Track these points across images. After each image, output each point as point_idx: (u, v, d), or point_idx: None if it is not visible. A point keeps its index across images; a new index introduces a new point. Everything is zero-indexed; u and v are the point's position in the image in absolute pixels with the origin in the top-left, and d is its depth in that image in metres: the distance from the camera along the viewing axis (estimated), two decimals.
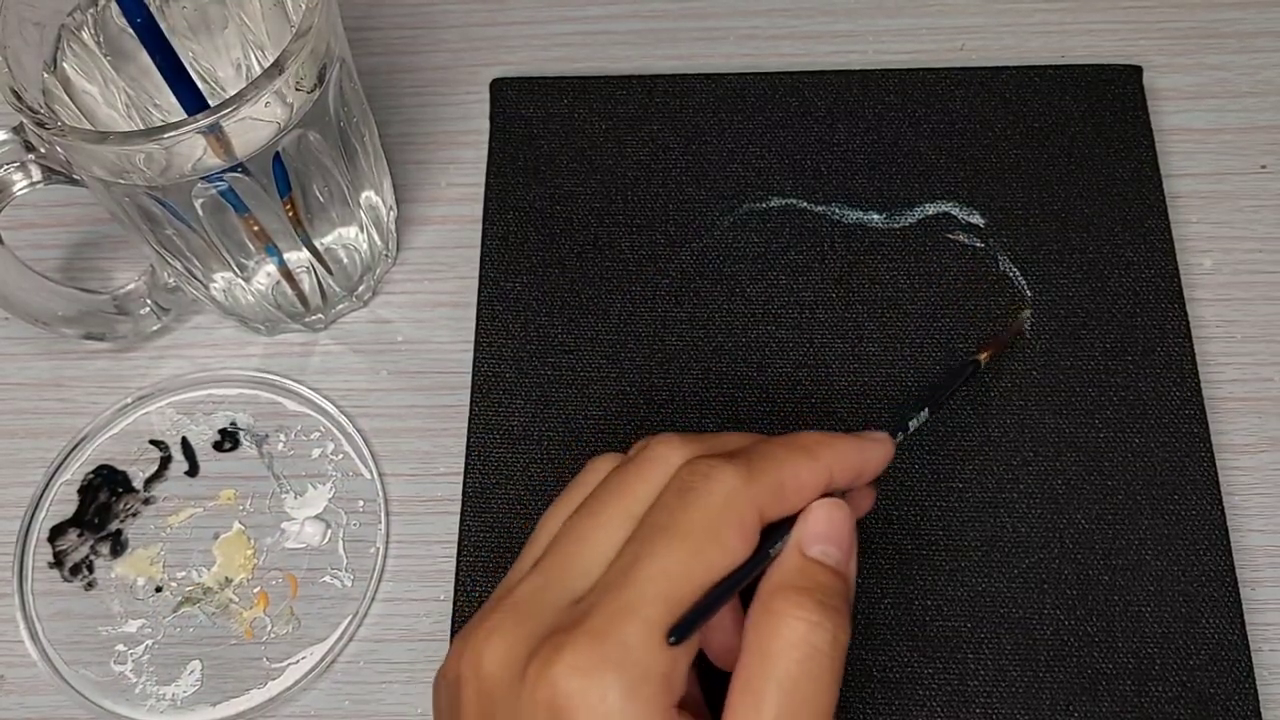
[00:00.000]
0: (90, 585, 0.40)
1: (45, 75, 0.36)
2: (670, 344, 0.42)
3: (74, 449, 0.42)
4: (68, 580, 0.40)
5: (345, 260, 0.42)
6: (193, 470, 0.42)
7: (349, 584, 0.40)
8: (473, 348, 0.42)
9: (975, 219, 0.43)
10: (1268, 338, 0.42)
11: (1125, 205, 0.43)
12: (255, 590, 0.40)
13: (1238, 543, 0.38)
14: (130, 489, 0.41)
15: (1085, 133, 0.44)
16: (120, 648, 0.39)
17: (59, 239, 0.46)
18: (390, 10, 0.50)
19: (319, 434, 0.42)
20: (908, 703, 0.36)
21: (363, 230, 0.42)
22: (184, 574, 0.40)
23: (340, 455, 0.42)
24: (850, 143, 0.44)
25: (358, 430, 0.42)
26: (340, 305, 0.44)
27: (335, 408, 0.42)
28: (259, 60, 0.39)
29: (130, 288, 0.42)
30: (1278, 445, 0.40)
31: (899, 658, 0.37)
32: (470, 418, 0.41)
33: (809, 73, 0.46)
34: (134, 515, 0.41)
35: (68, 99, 0.37)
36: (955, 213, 0.43)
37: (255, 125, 0.34)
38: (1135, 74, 0.45)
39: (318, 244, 0.41)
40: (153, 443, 0.42)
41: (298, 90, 0.34)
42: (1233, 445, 0.40)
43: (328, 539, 0.40)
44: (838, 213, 0.43)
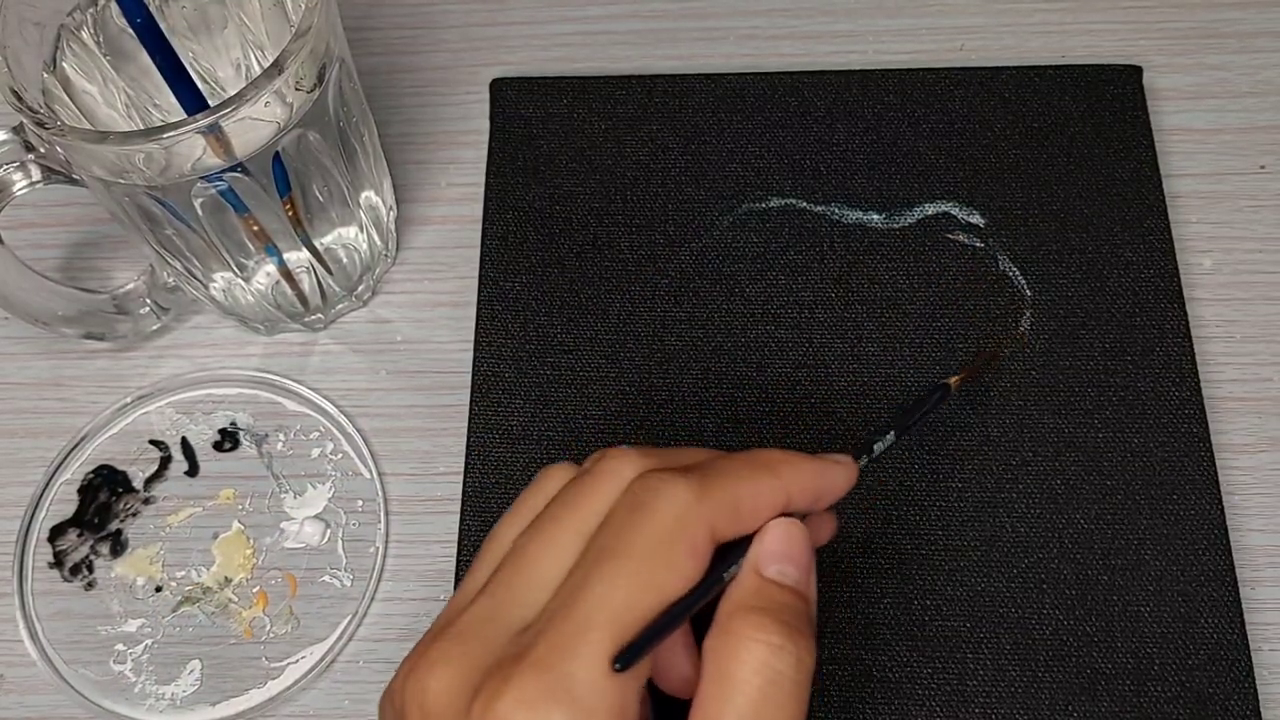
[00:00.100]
0: (90, 585, 0.40)
1: (45, 75, 0.36)
2: (670, 344, 0.42)
3: (74, 449, 0.42)
4: (68, 580, 0.40)
5: (345, 260, 0.42)
6: (192, 470, 0.42)
7: (348, 584, 0.40)
8: (473, 348, 0.42)
9: (975, 219, 0.43)
10: (1268, 338, 0.42)
11: (1125, 205, 0.43)
12: (255, 590, 0.40)
13: (1238, 543, 0.38)
14: (130, 489, 0.41)
15: (1085, 133, 0.44)
16: (120, 647, 0.39)
17: (59, 239, 0.46)
18: (390, 10, 0.50)
19: (318, 434, 0.42)
20: (907, 703, 0.36)
21: (362, 230, 0.42)
22: (183, 574, 0.40)
23: (340, 455, 0.42)
24: (850, 143, 0.44)
25: (357, 430, 0.42)
26: (340, 305, 0.44)
27: (335, 407, 0.42)
28: (259, 60, 0.39)
29: (130, 288, 0.42)
30: (1278, 445, 0.40)
31: (899, 658, 0.37)
32: (470, 418, 0.41)
33: (809, 73, 0.46)
34: (134, 515, 0.41)
35: (68, 99, 0.37)
36: (955, 213, 0.43)
37: (255, 125, 0.34)
38: (1135, 74, 0.45)
39: (317, 244, 0.41)
40: (153, 443, 0.42)
41: (297, 90, 0.34)
42: (1233, 445, 0.40)
43: (327, 539, 0.40)
44: (837, 213, 0.43)
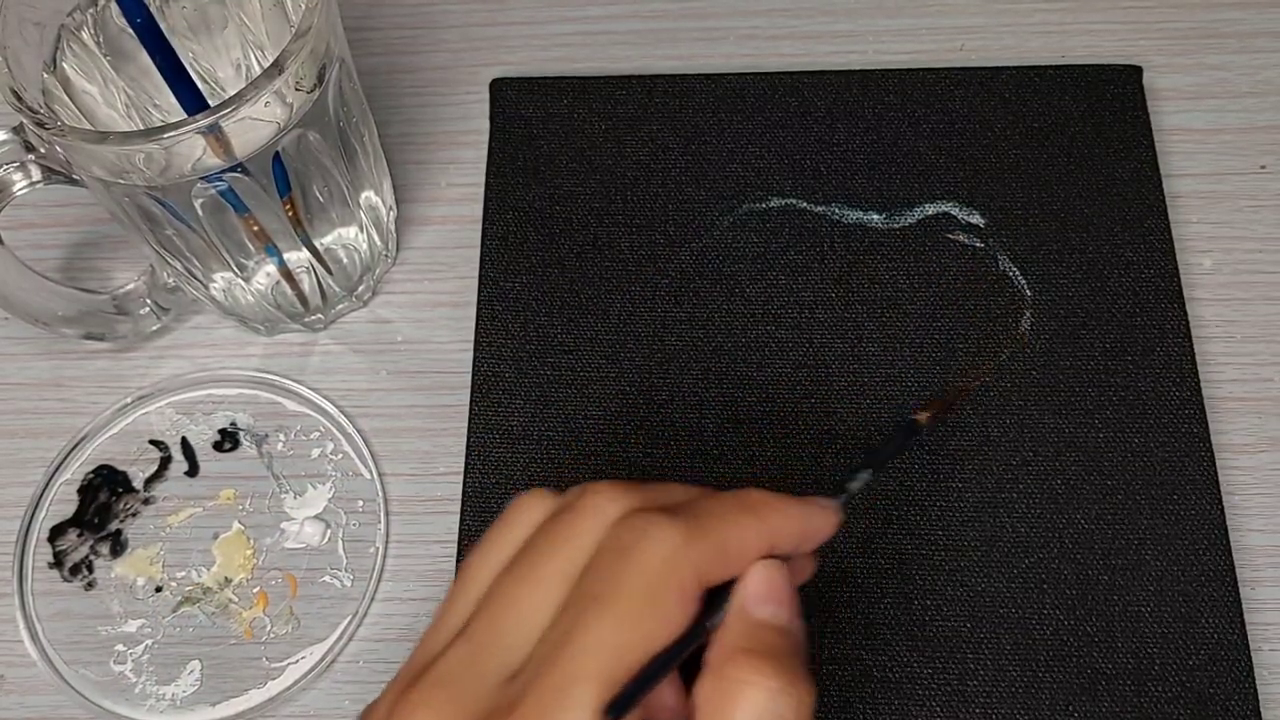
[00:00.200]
0: (90, 585, 0.40)
1: (45, 75, 0.36)
2: (670, 344, 0.42)
3: (74, 449, 0.42)
4: (68, 580, 0.40)
5: (345, 260, 0.42)
6: (192, 470, 0.42)
7: (349, 584, 0.40)
8: (473, 348, 0.42)
9: (975, 219, 0.43)
10: (1268, 338, 0.42)
11: (1125, 205, 0.43)
12: (255, 590, 0.40)
13: (1238, 543, 0.38)
14: (130, 489, 0.41)
15: (1085, 133, 0.44)
16: (120, 648, 0.39)
17: (59, 239, 0.46)
18: (390, 10, 0.50)
19: (319, 434, 0.42)
20: (908, 703, 0.36)
21: (363, 230, 0.42)
22: (184, 574, 0.40)
23: (340, 455, 0.42)
24: (850, 143, 0.44)
25: (357, 430, 0.42)
26: (340, 305, 0.44)
27: (335, 408, 0.42)
28: (259, 60, 0.39)
29: (130, 288, 0.42)
30: (1278, 445, 0.40)
31: (899, 658, 0.37)
32: (470, 418, 0.41)
33: (809, 73, 0.46)
34: (134, 515, 0.41)
35: (68, 99, 0.37)
36: (955, 213, 0.43)
37: (255, 125, 0.34)
38: (1135, 74, 0.45)
39: (318, 244, 0.41)
40: (153, 443, 0.42)
41: (297, 90, 0.34)
42: (1233, 445, 0.40)
43: (327, 539, 0.40)
44: (838, 213, 0.43)
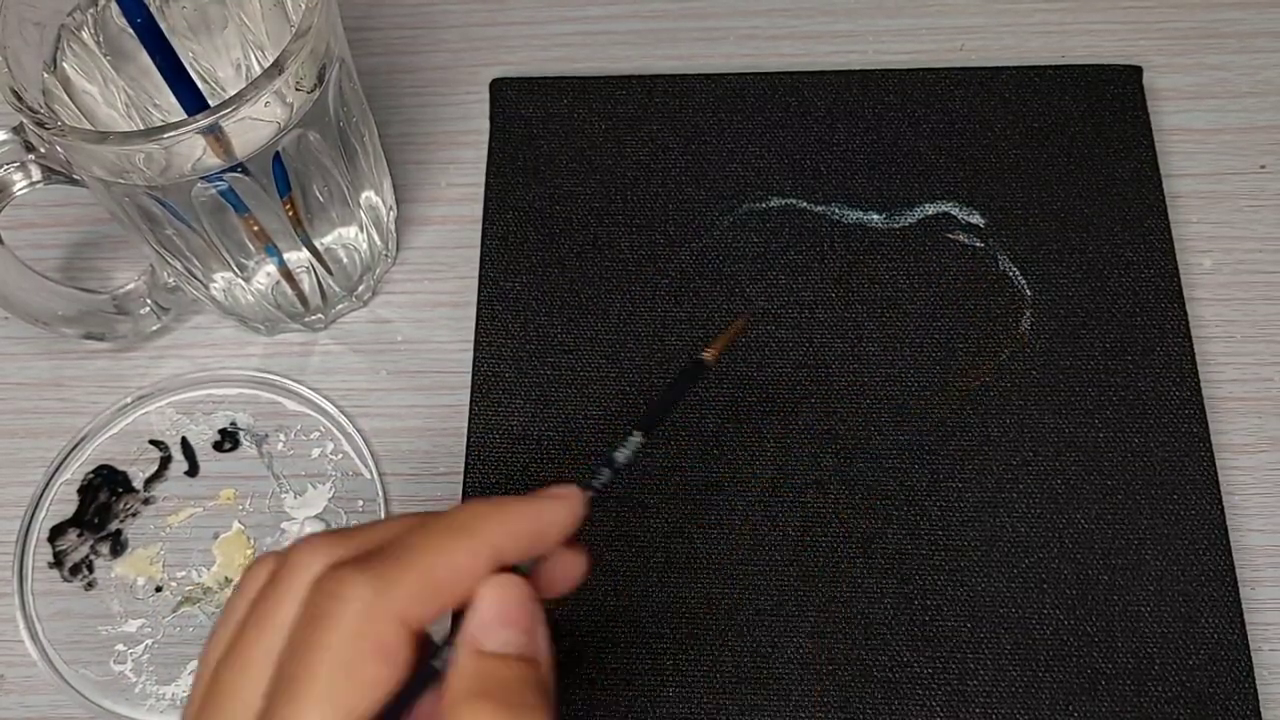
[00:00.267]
0: (90, 585, 0.40)
1: (45, 75, 0.36)
2: (670, 344, 0.42)
3: (74, 449, 0.42)
4: (68, 580, 0.40)
5: (345, 260, 0.42)
6: (193, 470, 0.42)
7: None
8: (473, 348, 0.42)
9: (975, 219, 0.43)
10: (1268, 338, 0.42)
11: (1125, 205, 0.43)
12: None
13: (1238, 543, 0.38)
14: (130, 489, 0.41)
15: (1085, 133, 0.44)
16: (120, 647, 0.39)
17: (59, 239, 0.46)
18: (390, 10, 0.50)
19: (319, 434, 0.42)
20: (908, 703, 0.36)
21: (363, 230, 0.42)
22: (184, 574, 0.40)
23: (340, 455, 0.42)
24: (850, 143, 0.44)
25: (358, 430, 0.42)
26: (340, 305, 0.44)
27: (335, 408, 0.42)
28: (259, 60, 0.39)
29: (130, 288, 0.42)
30: (1278, 445, 0.40)
31: (899, 658, 0.37)
32: (470, 418, 0.41)
33: (809, 73, 0.46)
34: (134, 515, 0.41)
35: (68, 99, 0.37)
36: (955, 213, 0.43)
37: (255, 125, 0.34)
38: (1135, 74, 0.45)
39: (318, 244, 0.41)
40: (153, 443, 0.42)
41: (297, 90, 0.34)
42: (1233, 445, 0.40)
43: None
44: (838, 213, 0.43)
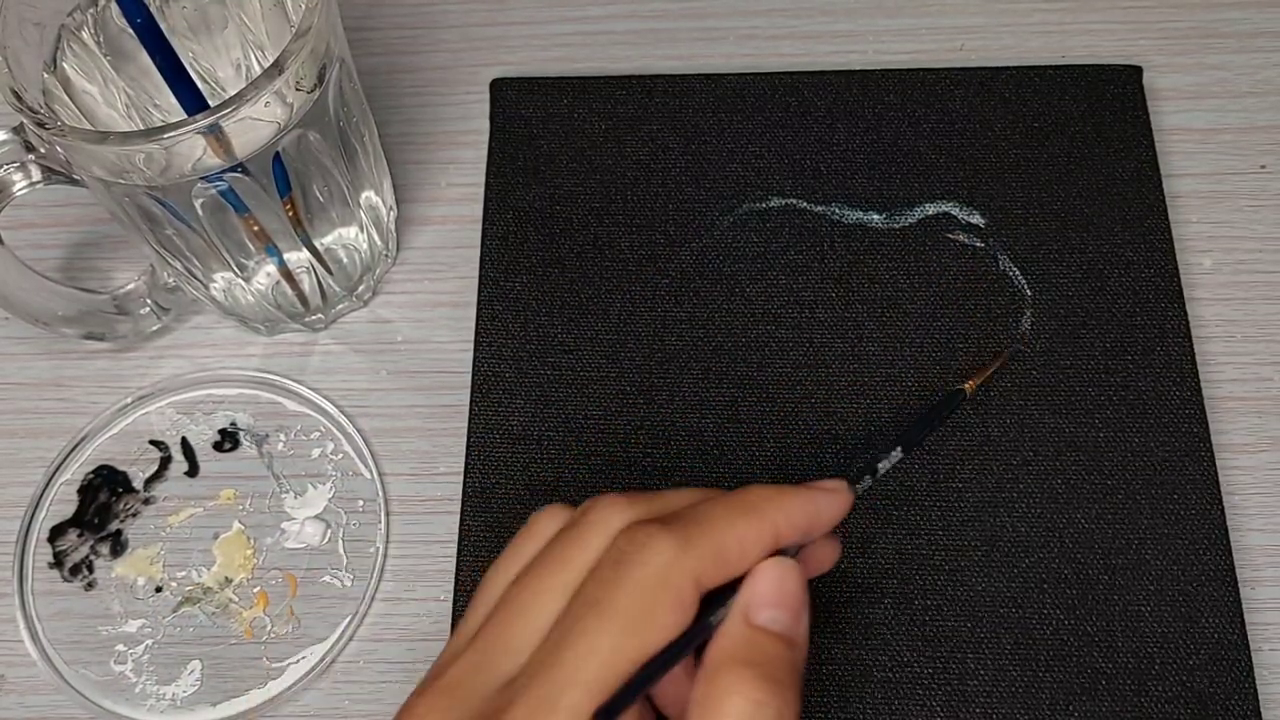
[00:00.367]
0: (90, 585, 0.40)
1: (45, 75, 0.36)
2: (670, 344, 0.42)
3: (74, 449, 0.42)
4: (68, 580, 0.40)
5: (345, 260, 0.42)
6: (193, 470, 0.42)
7: (349, 584, 0.40)
8: (473, 348, 0.42)
9: (975, 219, 0.43)
10: (1268, 338, 0.42)
11: (1125, 205, 0.43)
12: (255, 590, 0.40)
13: (1238, 543, 0.38)
14: (130, 489, 0.41)
15: (1085, 133, 0.44)
16: (120, 648, 0.39)
17: (59, 239, 0.46)
18: (390, 10, 0.50)
19: (319, 434, 0.42)
20: (908, 703, 0.36)
21: (363, 230, 0.42)
22: (184, 574, 0.40)
23: (340, 455, 0.42)
24: (850, 143, 0.44)
25: (358, 430, 0.42)
26: (340, 305, 0.44)
27: (335, 408, 0.42)
28: (259, 60, 0.39)
29: (130, 288, 0.42)
30: (1278, 445, 0.40)
31: (899, 658, 0.37)
32: (470, 418, 0.41)
33: (809, 73, 0.46)
34: (134, 515, 0.41)
35: (68, 99, 0.37)
36: (955, 213, 0.43)
37: (255, 125, 0.34)
38: (1135, 74, 0.45)
39: (318, 244, 0.41)
40: (153, 443, 0.42)
41: (298, 90, 0.34)
42: (1233, 445, 0.40)
43: (327, 539, 0.40)
44: (838, 213, 0.43)
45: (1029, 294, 0.42)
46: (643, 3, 0.50)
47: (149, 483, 0.42)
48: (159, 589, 0.40)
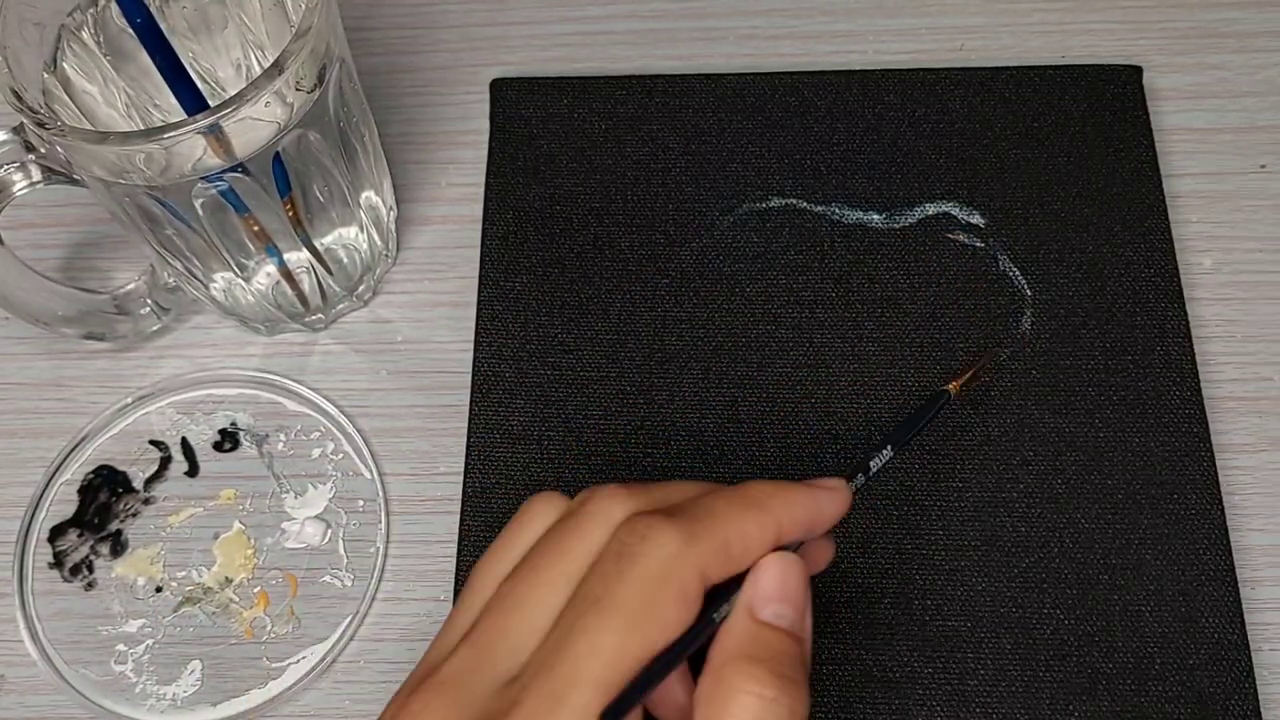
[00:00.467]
0: (90, 585, 0.40)
1: (45, 75, 0.36)
2: (670, 344, 0.42)
3: (74, 449, 0.42)
4: (68, 580, 0.40)
5: (345, 260, 0.42)
6: (193, 470, 0.42)
7: (349, 584, 0.40)
8: (473, 348, 0.42)
9: (975, 219, 0.43)
10: (1268, 338, 0.42)
11: (1125, 205, 0.43)
12: (255, 590, 0.40)
13: (1238, 543, 0.38)
14: (130, 489, 0.41)
15: (1085, 133, 0.44)
16: (120, 648, 0.39)
17: (59, 239, 0.46)
18: (390, 10, 0.50)
19: (319, 434, 0.42)
20: (908, 703, 0.36)
21: (363, 230, 0.42)
22: (184, 574, 0.40)
23: (340, 455, 0.42)
24: (850, 143, 0.44)
25: (358, 430, 0.42)
26: (340, 305, 0.44)
27: (335, 408, 0.42)
28: (259, 60, 0.39)
29: (130, 288, 0.42)
30: (1278, 445, 0.40)
31: (899, 658, 0.37)
32: (470, 418, 0.41)
33: (809, 73, 0.46)
34: (134, 515, 0.41)
35: (68, 99, 0.37)
36: (955, 213, 0.43)
37: (255, 125, 0.34)
38: (1135, 74, 0.45)
39: (318, 244, 0.41)
40: (153, 443, 0.42)
41: (298, 90, 0.34)
42: (1233, 445, 0.40)
43: (328, 539, 0.40)
44: (838, 213, 0.43)
45: (1029, 294, 0.42)
46: (643, 3, 0.50)
47: (149, 483, 0.42)
48: (159, 589, 0.40)
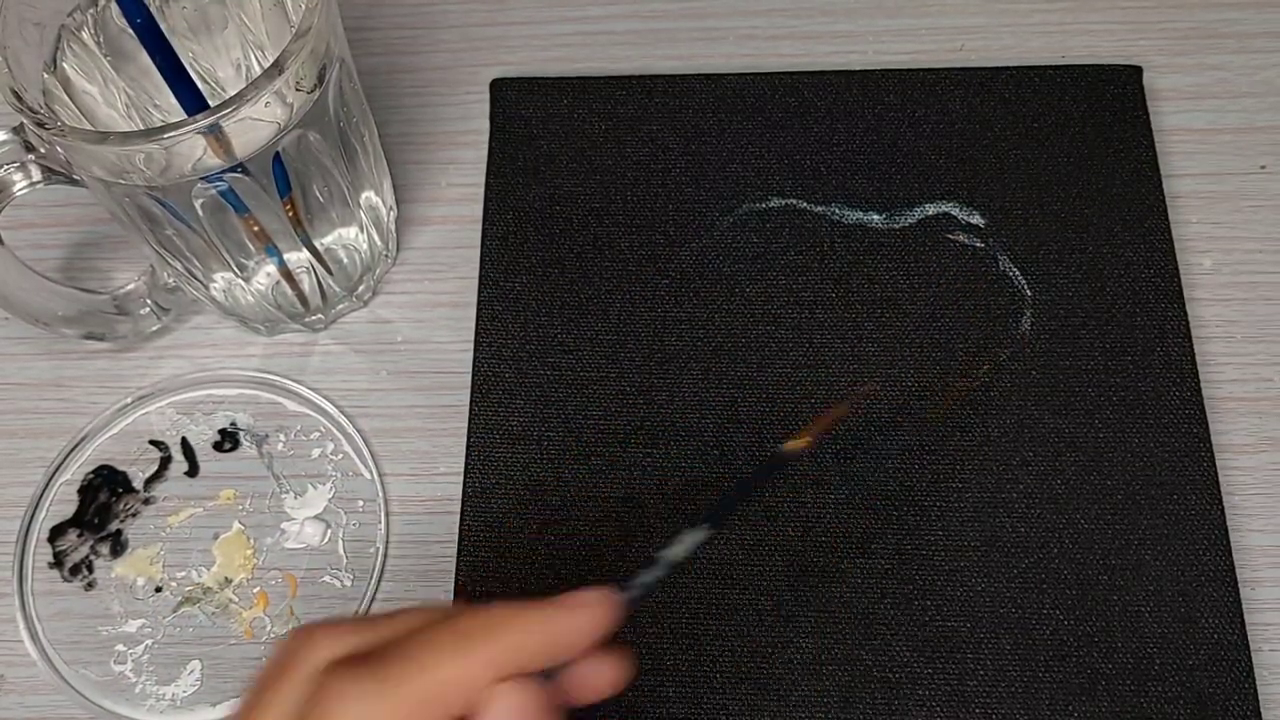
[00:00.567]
0: (90, 585, 0.40)
1: (45, 75, 0.36)
2: (670, 344, 0.42)
3: (74, 449, 0.42)
4: (68, 580, 0.40)
5: (345, 260, 0.42)
6: (192, 470, 0.42)
7: (349, 584, 0.40)
8: (473, 348, 0.42)
9: (975, 219, 0.43)
10: (1268, 338, 0.42)
11: (1125, 205, 0.43)
12: (255, 590, 0.40)
13: (1238, 543, 0.38)
14: (130, 489, 0.41)
15: (1085, 133, 0.44)
16: (120, 648, 0.39)
17: (59, 239, 0.46)
18: (390, 10, 0.50)
19: (319, 434, 0.42)
20: (908, 703, 0.36)
21: (363, 230, 0.42)
22: (184, 574, 0.40)
23: (340, 455, 0.42)
24: (850, 143, 0.44)
25: (358, 430, 0.42)
26: (340, 305, 0.44)
27: (335, 408, 0.42)
28: (259, 60, 0.39)
29: (130, 288, 0.42)
30: (1278, 445, 0.40)
31: (899, 658, 0.37)
32: (470, 418, 0.41)
33: (809, 73, 0.46)
34: (134, 515, 0.41)
35: (68, 99, 0.37)
36: (955, 213, 0.43)
37: (255, 125, 0.34)
38: (1135, 74, 0.45)
39: (318, 244, 0.41)
40: (153, 443, 0.42)
41: (298, 90, 0.34)
42: (1233, 445, 0.40)
43: (327, 539, 0.40)
44: (838, 213, 0.43)
45: (1029, 294, 0.42)
46: (643, 3, 0.50)
47: (149, 483, 0.42)
48: (159, 589, 0.40)
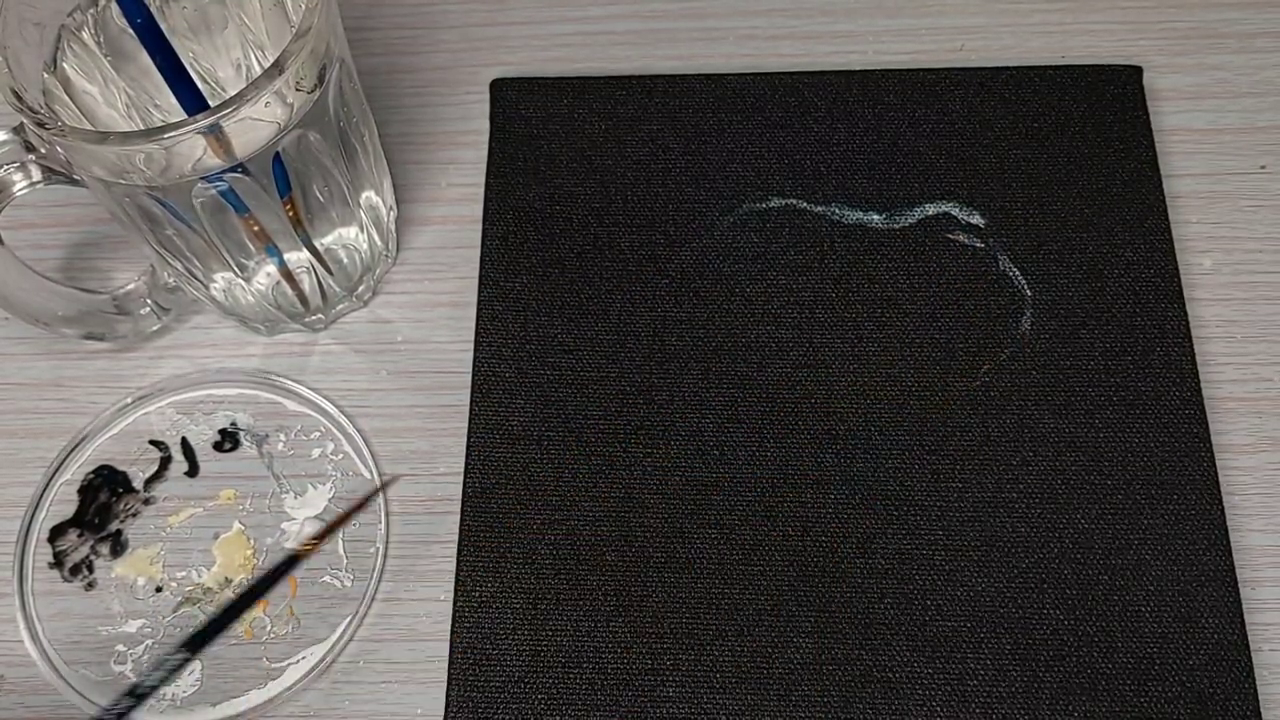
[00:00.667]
0: (90, 585, 0.40)
1: (45, 75, 0.36)
2: (670, 344, 0.42)
3: (74, 449, 0.42)
4: (68, 580, 0.40)
5: (345, 260, 0.42)
6: (193, 470, 0.42)
7: (349, 584, 0.40)
8: (473, 348, 0.42)
9: (975, 219, 0.43)
10: (1268, 338, 0.42)
11: (1125, 205, 0.43)
12: None
13: (1238, 543, 0.38)
14: (130, 489, 0.41)
15: (1085, 133, 0.44)
16: (120, 648, 0.39)
17: (59, 239, 0.46)
18: (390, 10, 0.50)
19: (319, 434, 0.42)
20: (908, 703, 0.36)
21: (363, 230, 0.42)
22: (184, 574, 0.40)
23: (340, 455, 0.42)
24: (850, 143, 0.44)
25: (358, 430, 0.42)
26: (340, 305, 0.44)
27: (335, 408, 0.42)
28: (259, 60, 0.39)
29: (130, 288, 0.42)
30: (1278, 445, 0.40)
31: (899, 658, 0.37)
32: (470, 418, 0.41)
33: (809, 73, 0.46)
34: (134, 515, 0.41)
35: (68, 99, 0.37)
36: (955, 213, 0.43)
37: (255, 125, 0.34)
38: (1135, 74, 0.45)
39: (318, 244, 0.41)
40: (153, 443, 0.42)
41: (298, 90, 0.34)
42: (1233, 445, 0.40)
43: (328, 539, 0.40)
44: (838, 213, 0.43)
45: (1029, 294, 0.42)
46: (643, 3, 0.50)
47: (149, 483, 0.42)
48: (159, 589, 0.40)
